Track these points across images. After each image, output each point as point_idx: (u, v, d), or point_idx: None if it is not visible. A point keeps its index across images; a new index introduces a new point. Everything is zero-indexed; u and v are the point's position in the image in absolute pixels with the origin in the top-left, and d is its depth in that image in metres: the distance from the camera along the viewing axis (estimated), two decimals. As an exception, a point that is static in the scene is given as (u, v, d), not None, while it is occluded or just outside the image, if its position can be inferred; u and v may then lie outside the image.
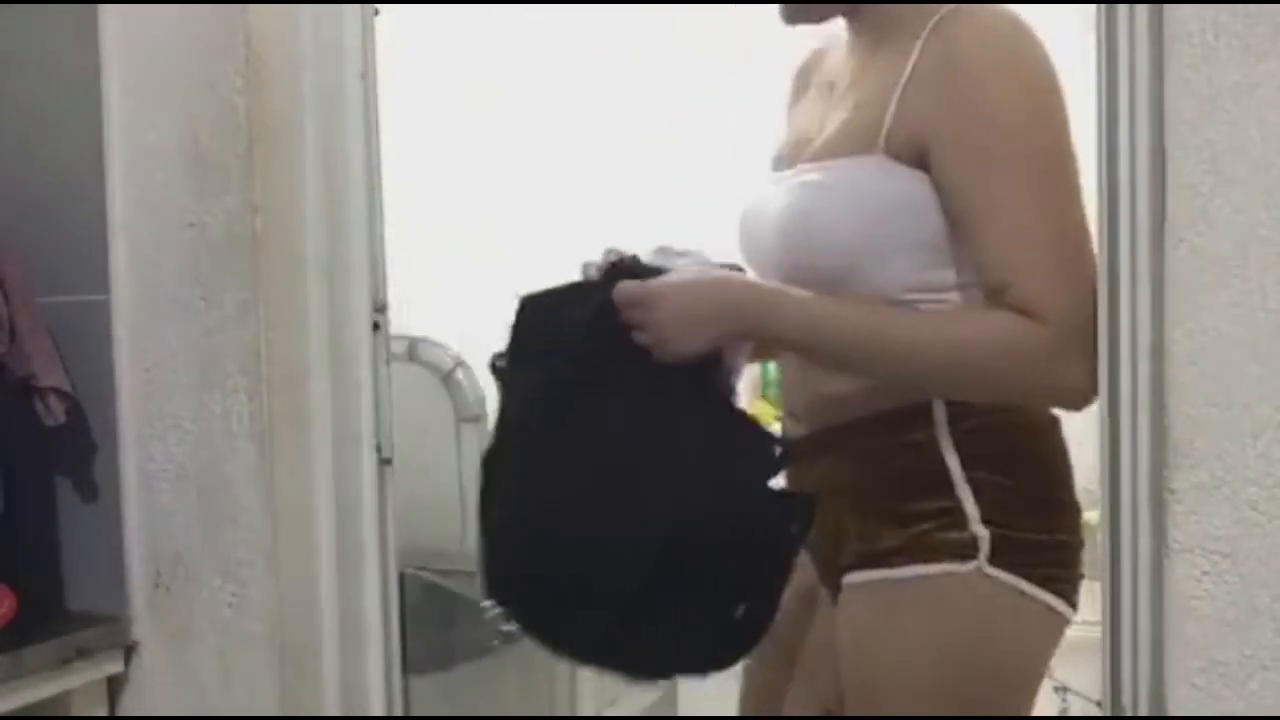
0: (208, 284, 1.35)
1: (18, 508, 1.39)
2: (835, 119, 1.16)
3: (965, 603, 1.11)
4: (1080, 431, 2.75)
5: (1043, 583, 1.13)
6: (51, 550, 1.44)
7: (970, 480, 1.11)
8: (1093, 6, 1.08)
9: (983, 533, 1.10)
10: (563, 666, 2.01)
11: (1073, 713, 2.54)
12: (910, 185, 1.06)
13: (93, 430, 1.41)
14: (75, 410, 1.38)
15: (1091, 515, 2.91)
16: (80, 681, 1.35)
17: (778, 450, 1.12)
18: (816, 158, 1.14)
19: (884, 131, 1.07)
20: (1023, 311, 1.02)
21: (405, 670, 1.39)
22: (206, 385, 1.35)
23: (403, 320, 1.50)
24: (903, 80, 1.06)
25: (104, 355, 1.39)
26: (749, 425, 1.12)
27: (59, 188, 1.42)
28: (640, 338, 1.07)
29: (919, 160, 1.06)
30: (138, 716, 1.41)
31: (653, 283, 1.08)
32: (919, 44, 1.06)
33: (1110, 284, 1.04)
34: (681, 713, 2.75)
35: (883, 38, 1.13)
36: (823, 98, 1.23)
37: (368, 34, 1.33)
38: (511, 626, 1.80)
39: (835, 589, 1.19)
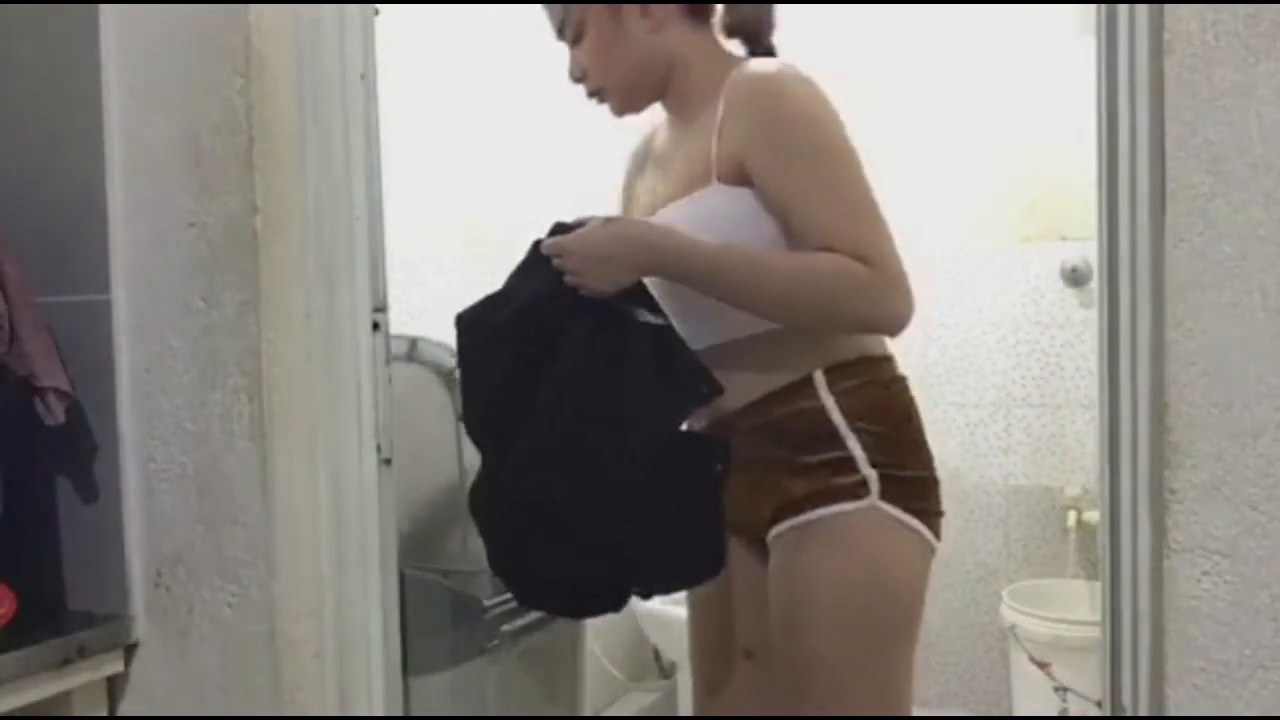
0: (208, 284, 1.35)
1: (18, 508, 1.39)
2: (673, 175, 1.43)
3: (862, 535, 1.31)
4: (1080, 431, 2.77)
5: (918, 515, 1.34)
6: (51, 550, 1.44)
7: (854, 430, 1.32)
8: (1092, 6, 1.08)
9: (871, 473, 1.30)
10: (563, 667, 2.01)
11: (1073, 713, 2.54)
12: (743, 199, 1.31)
13: (93, 430, 1.41)
14: (75, 410, 1.38)
15: (1091, 515, 2.90)
16: (80, 681, 1.35)
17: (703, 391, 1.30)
18: (667, 202, 1.40)
19: (714, 165, 1.33)
20: (854, 259, 1.25)
21: (405, 670, 1.39)
22: (206, 385, 1.35)
23: (403, 320, 1.50)
24: (718, 123, 1.33)
25: (104, 355, 1.39)
26: (683, 365, 1.30)
27: (59, 188, 1.42)
28: (570, 279, 1.29)
29: (744, 179, 1.31)
30: (138, 716, 1.41)
31: (572, 233, 1.32)
32: (723, 95, 1.33)
33: (1110, 284, 1.04)
34: (682, 713, 2.75)
35: (695, 106, 1.41)
36: (656, 170, 1.50)
37: (368, 34, 1.33)
38: (511, 626, 1.80)
39: (760, 551, 1.39)
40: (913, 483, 1.35)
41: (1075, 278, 2.85)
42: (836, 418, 1.32)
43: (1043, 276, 2.90)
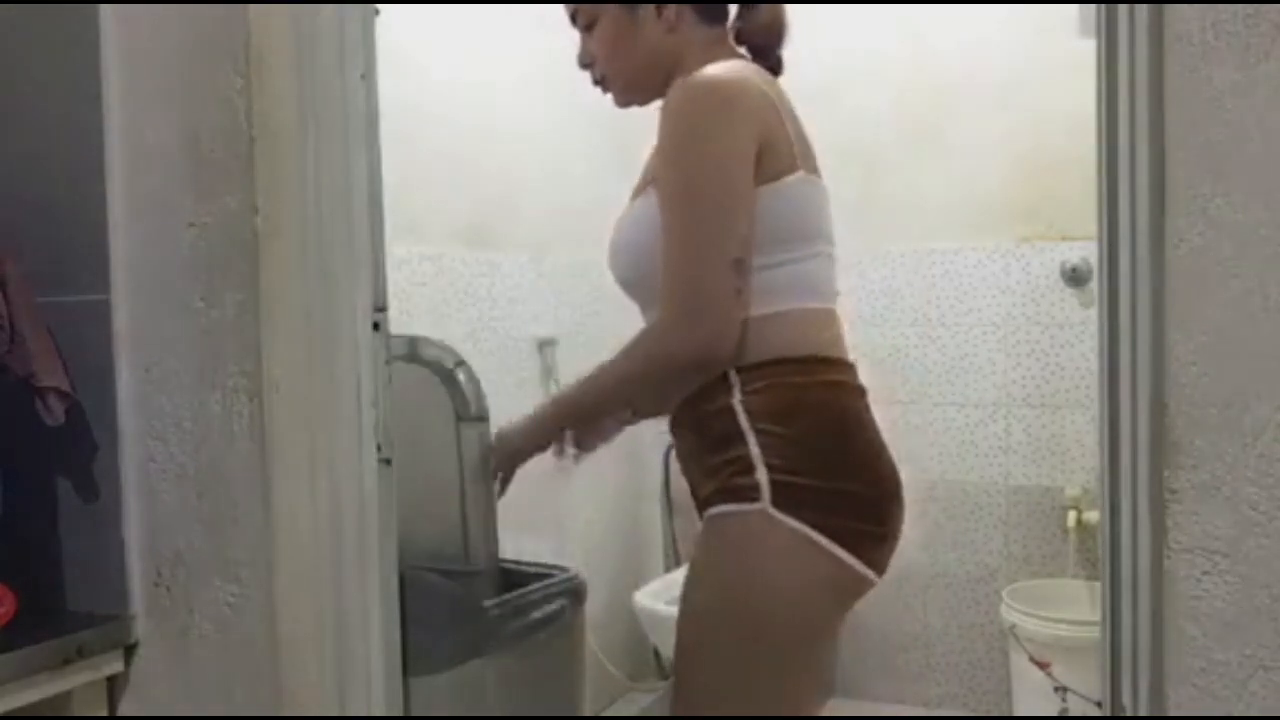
0: (208, 284, 1.35)
1: (18, 508, 1.39)
2: (647, 171, 1.46)
3: (748, 538, 1.29)
4: (1080, 431, 2.78)
5: (832, 533, 1.28)
6: (51, 550, 1.44)
7: (755, 431, 1.30)
8: (1092, 6, 1.08)
9: (764, 477, 1.28)
10: (563, 667, 2.01)
11: (1073, 713, 2.54)
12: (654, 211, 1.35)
13: (93, 430, 1.41)
14: (75, 410, 1.38)
15: (1091, 515, 2.91)
16: (80, 681, 1.35)
17: None
18: (633, 198, 1.45)
19: (650, 174, 1.38)
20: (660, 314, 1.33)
21: (405, 670, 1.39)
22: (206, 385, 1.35)
23: (403, 320, 1.50)
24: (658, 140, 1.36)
25: (104, 355, 1.39)
26: None
27: (59, 188, 1.42)
28: None
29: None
30: (138, 716, 1.41)
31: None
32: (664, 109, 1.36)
33: (1110, 284, 1.04)
34: (681, 713, 2.74)
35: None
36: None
37: (368, 34, 1.33)
38: (511, 627, 1.80)
39: None
40: (823, 494, 1.29)
41: (1075, 278, 2.85)
42: (742, 419, 1.32)
43: (1043, 276, 2.91)
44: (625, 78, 1.47)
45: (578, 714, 2.05)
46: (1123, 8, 1.02)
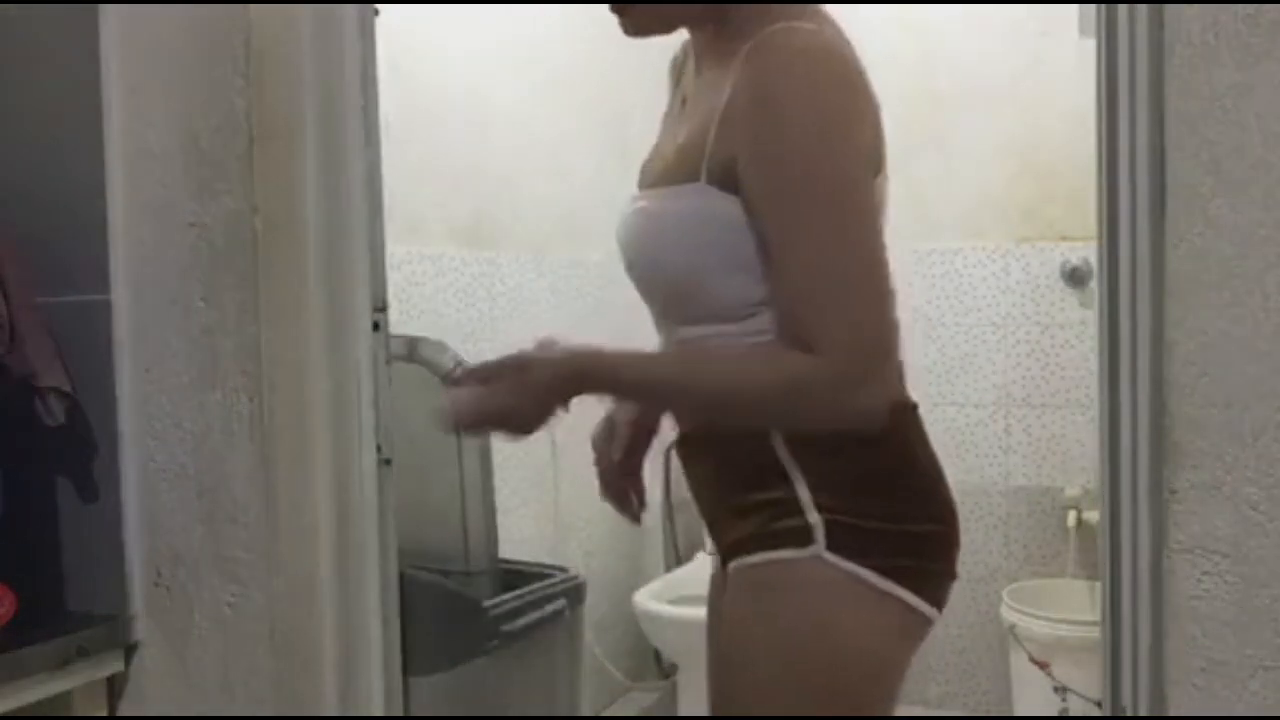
0: (208, 284, 1.35)
1: (18, 508, 1.39)
2: (675, 140, 1.19)
3: (804, 587, 1.12)
4: (1080, 431, 2.77)
5: (896, 575, 1.11)
6: (51, 550, 1.44)
7: (799, 465, 1.12)
8: (1092, 6, 1.08)
9: (816, 519, 1.11)
10: (563, 667, 2.01)
11: (1073, 713, 2.54)
12: (728, 211, 1.08)
13: (93, 430, 1.41)
14: (75, 410, 1.38)
15: (1091, 515, 2.90)
16: (80, 681, 1.35)
17: None
18: (655, 183, 1.18)
19: (705, 160, 1.09)
20: (805, 346, 1.04)
21: (405, 670, 1.39)
22: (206, 385, 1.35)
23: (403, 320, 1.50)
24: (720, 108, 1.08)
25: (104, 355, 1.39)
26: None
27: (59, 188, 1.42)
28: (493, 424, 1.14)
29: (735, 187, 1.08)
30: (138, 716, 1.41)
31: (494, 375, 1.12)
32: (738, 68, 1.06)
33: (1110, 284, 1.04)
34: (682, 713, 2.75)
35: (716, 57, 1.14)
36: (675, 111, 1.28)
37: (368, 34, 1.33)
38: (511, 626, 1.80)
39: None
40: (886, 536, 1.12)
41: (1075, 278, 2.85)
42: (780, 449, 1.12)
43: (1043, 276, 2.91)
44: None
45: (578, 714, 2.05)
46: (1123, 8, 1.02)
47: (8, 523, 1.38)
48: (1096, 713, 2.22)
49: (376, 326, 1.33)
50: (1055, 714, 2.58)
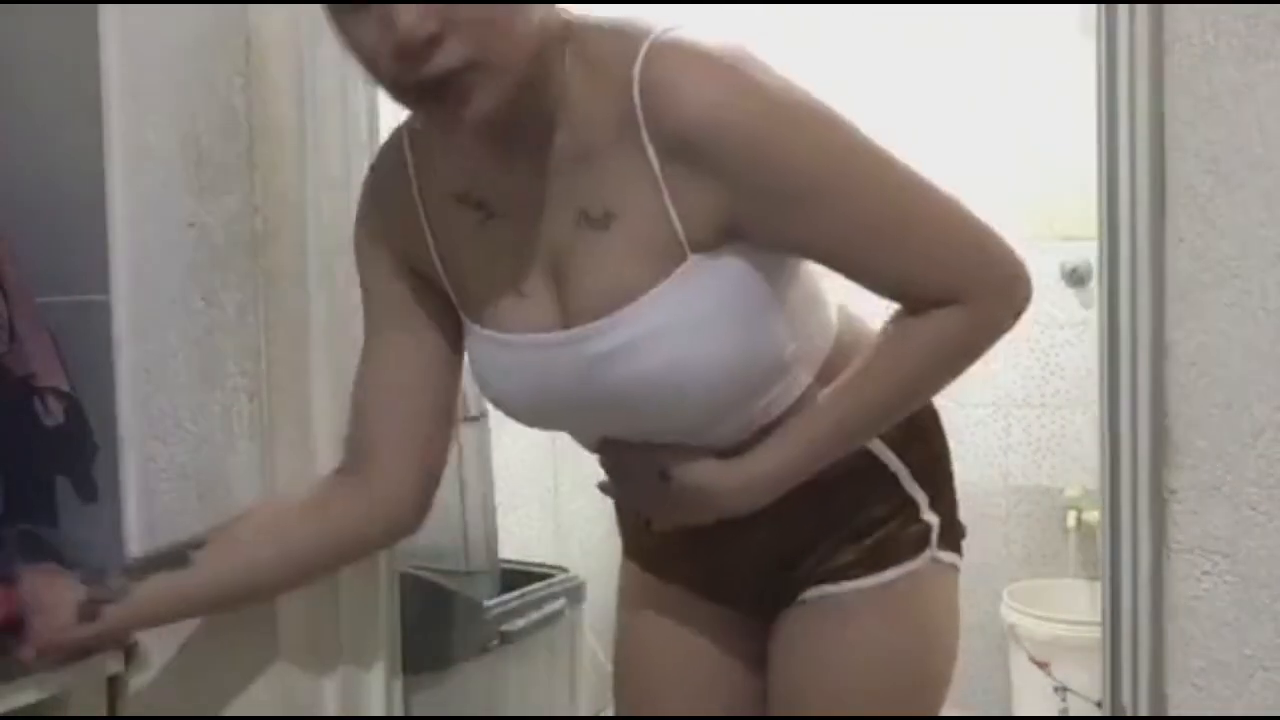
0: (208, 284, 1.35)
1: (18, 508, 1.39)
2: (577, 253, 0.94)
3: (929, 595, 1.12)
4: (1080, 431, 2.77)
5: (957, 547, 1.14)
6: (52, 550, 1.44)
7: (904, 461, 1.09)
8: (1092, 6, 1.08)
9: (933, 520, 1.10)
10: (563, 667, 2.01)
11: (1073, 713, 2.54)
12: (729, 268, 0.92)
13: (93, 430, 1.41)
14: (75, 410, 1.38)
15: (1091, 515, 2.90)
16: (80, 681, 1.35)
17: None
18: (589, 308, 0.94)
19: (680, 236, 0.90)
20: (946, 304, 0.95)
21: (405, 670, 1.39)
22: (206, 385, 1.35)
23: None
24: (657, 178, 0.89)
25: (104, 355, 1.39)
26: None
27: (59, 188, 1.42)
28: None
29: (726, 237, 0.91)
30: (138, 716, 1.41)
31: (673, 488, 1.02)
32: (641, 128, 0.88)
33: (1110, 284, 1.04)
34: (681, 713, 2.74)
35: (564, 122, 0.92)
36: (482, 231, 1.00)
37: (368, 34, 1.33)
38: (511, 626, 1.80)
39: (765, 614, 1.16)
40: (954, 515, 1.14)
41: (1075, 278, 2.85)
42: (879, 446, 1.07)
43: (1043, 276, 2.89)
44: (516, 66, 0.85)
45: (577, 714, 2.06)
46: (1123, 8, 1.02)
47: (8, 523, 1.37)
48: (1096, 713, 2.22)
49: (376, 326, 1.33)
50: (1055, 714, 2.58)
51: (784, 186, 0.89)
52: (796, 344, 1.00)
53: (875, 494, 1.09)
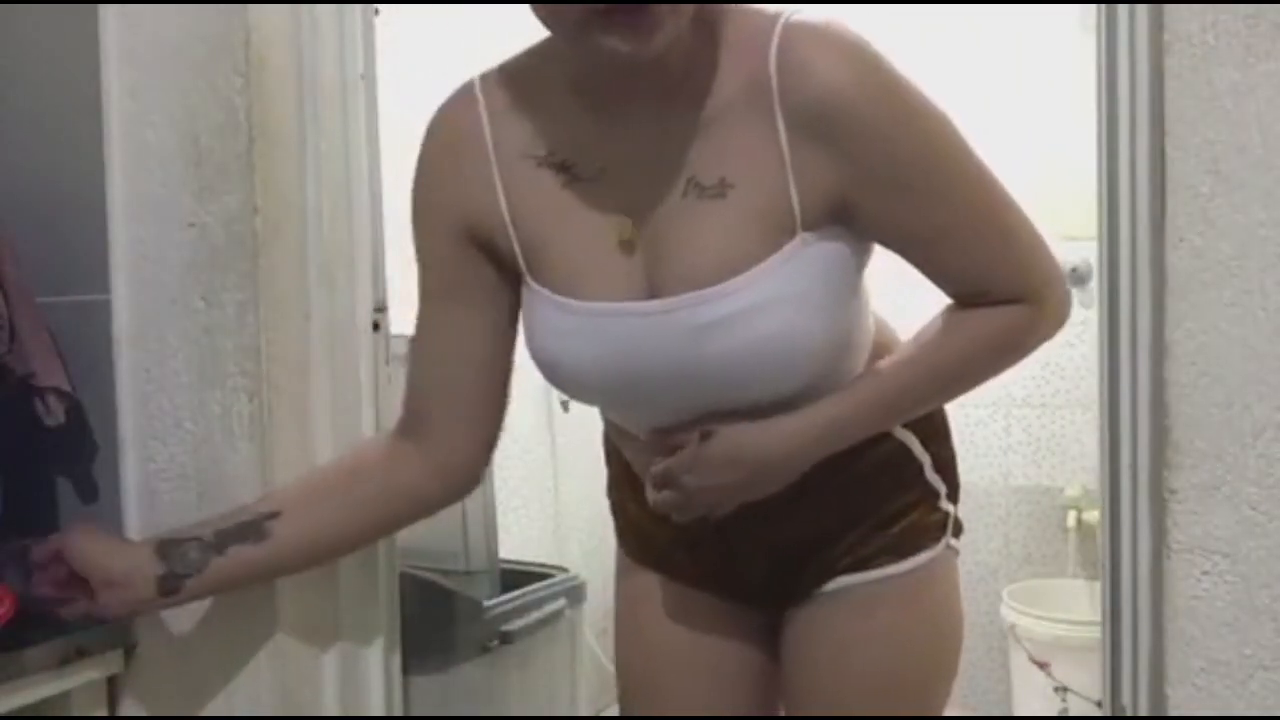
0: (208, 284, 1.35)
1: (18, 508, 1.39)
2: (679, 222, 0.95)
3: (946, 582, 1.16)
4: (1080, 431, 2.76)
5: (960, 534, 1.18)
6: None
7: (930, 454, 1.13)
8: (1093, 6, 1.08)
9: (951, 509, 1.14)
10: (562, 666, 2.01)
11: (1073, 713, 2.54)
12: (836, 249, 0.96)
13: (93, 430, 1.41)
14: (75, 410, 1.38)
15: (1091, 515, 2.90)
16: (80, 681, 1.35)
17: None
18: (688, 277, 0.94)
19: (796, 211, 0.92)
20: (1010, 300, 1.00)
21: (405, 670, 1.39)
22: (206, 385, 1.35)
23: (403, 320, 1.50)
24: (783, 151, 0.91)
25: (104, 355, 1.39)
26: None
27: (59, 188, 1.42)
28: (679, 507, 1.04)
29: (834, 217, 0.94)
30: (138, 716, 1.41)
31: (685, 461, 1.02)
32: (775, 101, 0.90)
33: (1110, 284, 1.04)
34: (681, 713, 2.74)
35: (680, 81, 0.93)
36: (564, 189, 0.99)
37: (368, 34, 1.33)
38: (511, 626, 1.80)
39: (771, 609, 1.18)
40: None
41: (1075, 278, 2.85)
42: (909, 439, 1.11)
43: (1043, 276, 2.91)
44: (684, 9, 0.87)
45: (577, 714, 2.06)
46: (1123, 8, 1.02)
47: (8, 523, 1.37)
48: (1096, 713, 2.22)
49: (376, 326, 1.33)
50: (1055, 714, 2.58)
51: (902, 172, 0.92)
52: (862, 332, 1.04)
53: (902, 483, 1.12)
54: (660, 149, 0.95)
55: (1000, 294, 0.99)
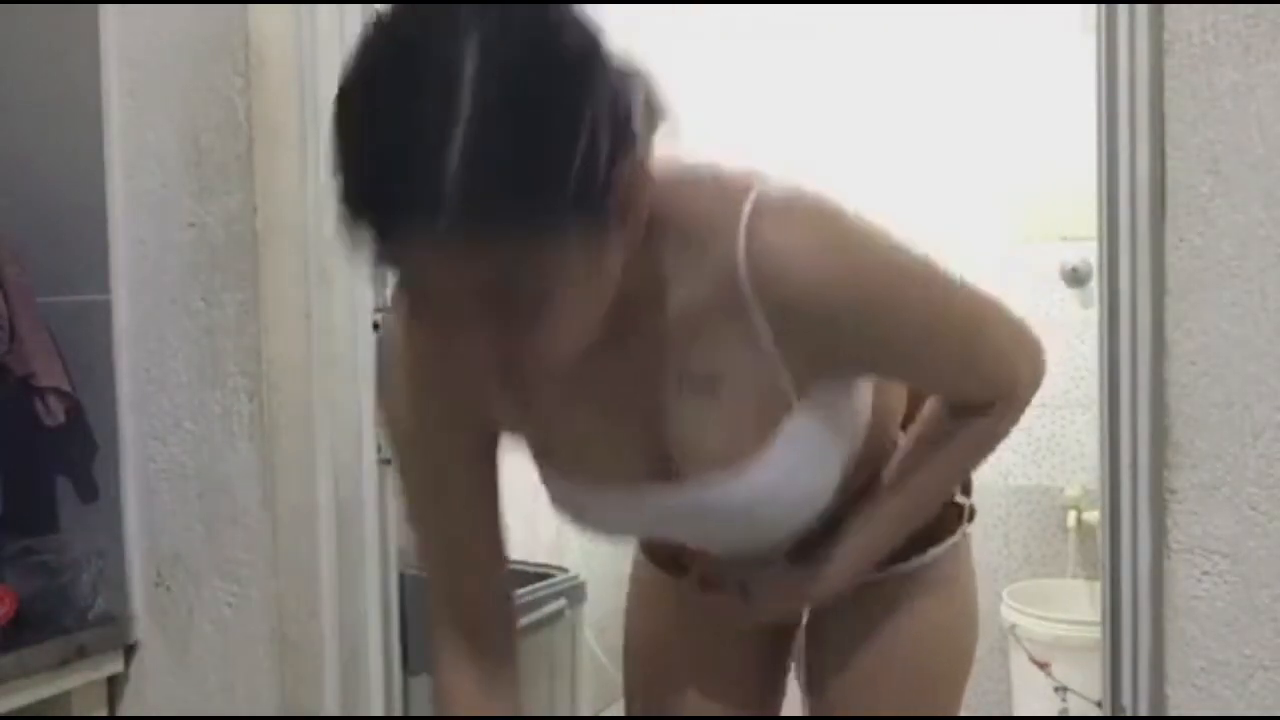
0: (208, 284, 1.35)
1: (18, 508, 1.39)
2: (679, 415, 0.96)
3: (965, 570, 1.17)
4: (1080, 431, 2.76)
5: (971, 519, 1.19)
6: (52, 550, 1.44)
7: None
8: (1093, 6, 1.08)
9: (967, 499, 1.14)
10: (563, 666, 2.01)
11: (1073, 713, 2.54)
12: (831, 400, 0.97)
13: (93, 430, 1.41)
14: (75, 410, 1.38)
15: (1091, 515, 2.89)
16: (80, 681, 1.35)
17: None
18: (699, 462, 0.96)
19: (790, 389, 0.91)
20: (985, 404, 1.02)
21: (405, 670, 1.39)
22: (206, 385, 1.35)
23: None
24: (767, 343, 0.89)
25: (104, 355, 1.39)
26: None
27: (59, 188, 1.42)
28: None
29: (821, 375, 0.94)
30: (138, 716, 1.41)
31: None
32: (750, 300, 0.87)
33: (1110, 284, 1.04)
34: (681, 713, 2.74)
35: (658, 302, 0.90)
36: (579, 405, 0.99)
37: (368, 34, 1.33)
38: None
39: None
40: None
41: (1075, 278, 2.85)
42: None
43: (1043, 276, 2.90)
44: (596, 315, 0.81)
45: (578, 714, 2.05)
46: (1123, 8, 1.02)
47: (8, 523, 1.38)
48: (1096, 713, 2.22)
49: (376, 326, 1.33)
50: (1055, 714, 2.57)
51: (889, 336, 0.93)
52: (859, 441, 1.05)
53: None
54: (645, 347, 0.93)
55: (984, 399, 1.02)
